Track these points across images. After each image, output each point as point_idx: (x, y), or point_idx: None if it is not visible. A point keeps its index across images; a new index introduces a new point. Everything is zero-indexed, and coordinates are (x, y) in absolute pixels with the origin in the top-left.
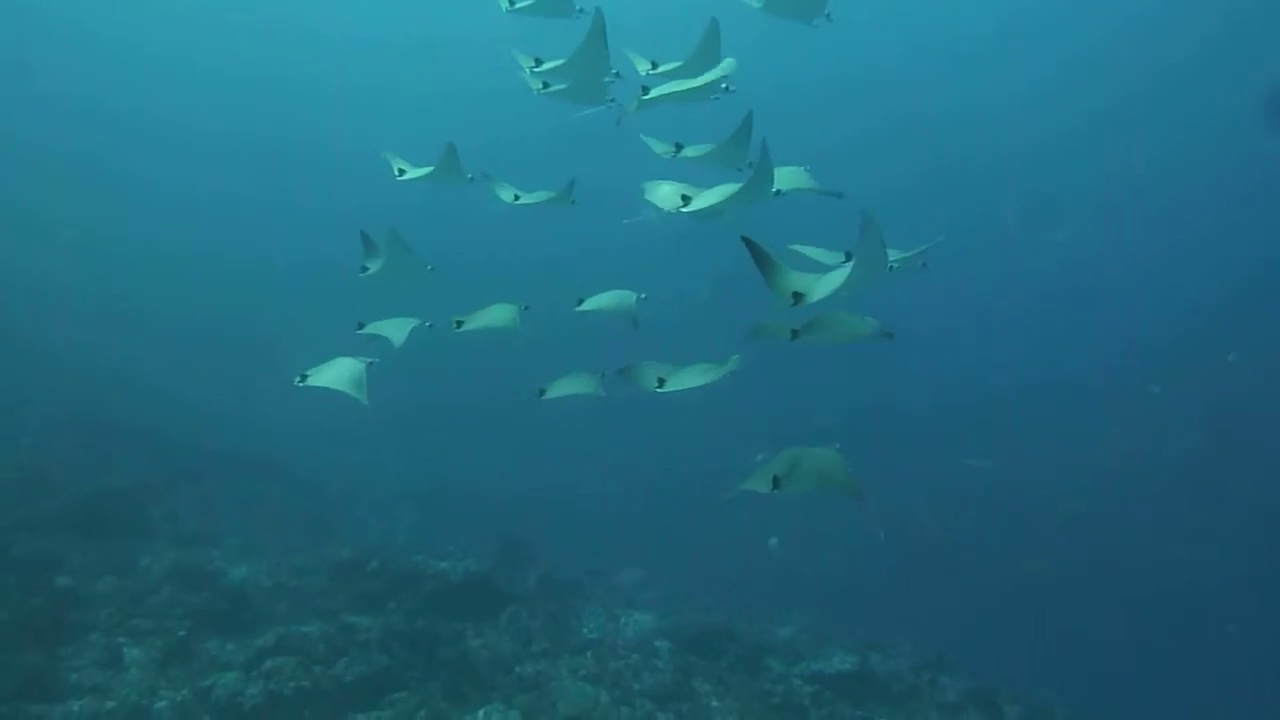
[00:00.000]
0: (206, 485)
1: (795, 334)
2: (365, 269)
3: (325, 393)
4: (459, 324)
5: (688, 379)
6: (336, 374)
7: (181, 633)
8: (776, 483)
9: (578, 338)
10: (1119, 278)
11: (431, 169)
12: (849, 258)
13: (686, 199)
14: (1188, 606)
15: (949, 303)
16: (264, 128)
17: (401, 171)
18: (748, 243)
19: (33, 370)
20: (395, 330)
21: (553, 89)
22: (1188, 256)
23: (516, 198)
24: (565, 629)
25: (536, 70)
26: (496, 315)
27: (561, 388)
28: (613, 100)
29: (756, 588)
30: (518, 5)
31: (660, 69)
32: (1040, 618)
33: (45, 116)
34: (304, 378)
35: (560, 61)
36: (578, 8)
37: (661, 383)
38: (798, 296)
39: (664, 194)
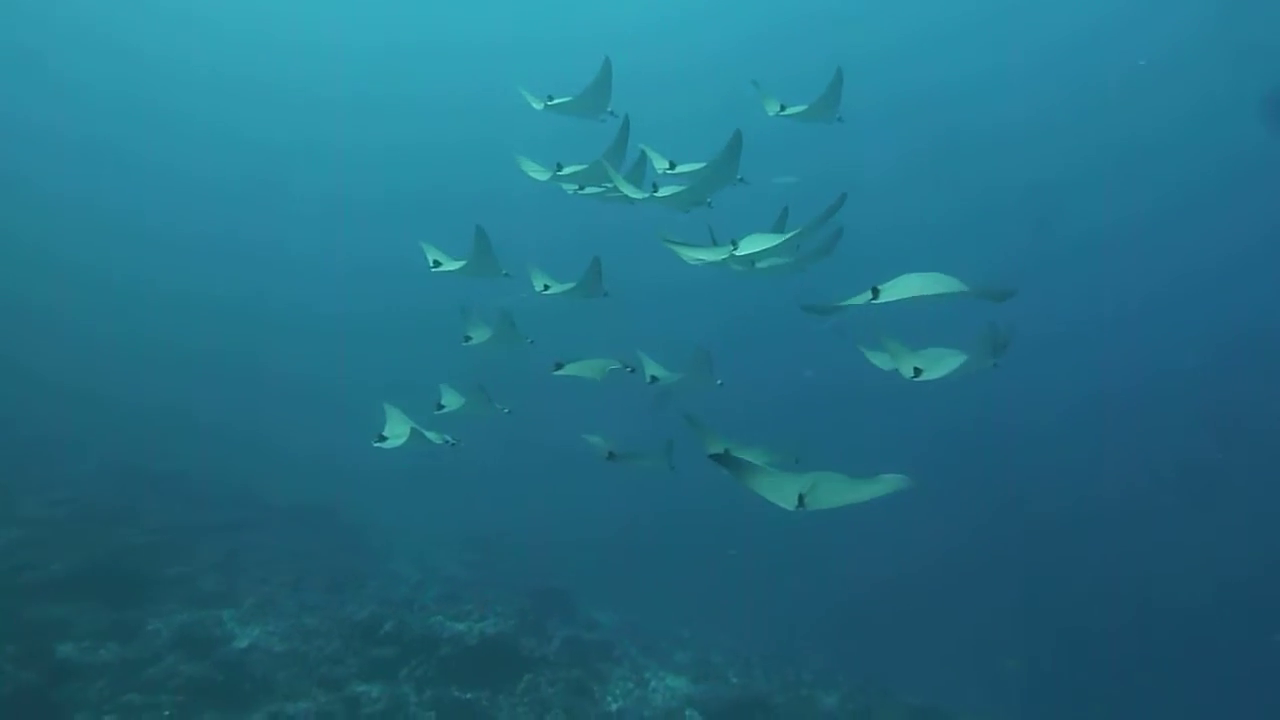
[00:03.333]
0: (238, 538)
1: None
2: (468, 339)
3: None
4: (559, 366)
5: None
6: (408, 435)
7: (167, 713)
8: (801, 500)
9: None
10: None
11: (465, 261)
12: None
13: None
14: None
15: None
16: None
17: (437, 264)
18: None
19: (84, 416)
20: (475, 405)
21: (588, 191)
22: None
23: (546, 287)
24: (587, 698)
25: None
26: (594, 367)
27: (631, 458)
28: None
29: (806, 637)
30: (554, 102)
31: (677, 169)
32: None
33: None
34: (382, 439)
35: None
36: (609, 109)
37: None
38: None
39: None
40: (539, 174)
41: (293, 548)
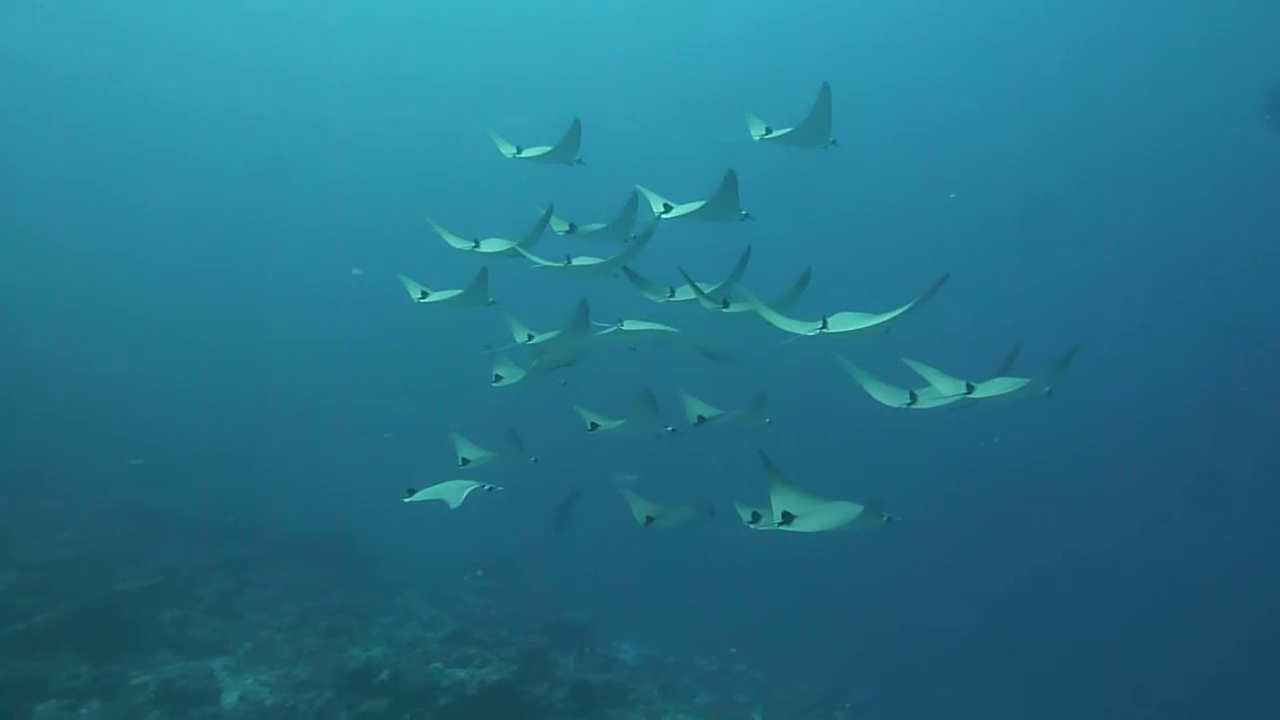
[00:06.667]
0: (243, 576)
1: None
2: (498, 379)
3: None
4: (594, 426)
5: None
6: (441, 490)
7: None
8: (786, 518)
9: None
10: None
11: (459, 292)
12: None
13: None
14: None
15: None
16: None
17: (424, 294)
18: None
19: (90, 453)
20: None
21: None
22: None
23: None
24: None
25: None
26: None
27: (668, 517)
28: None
29: (839, 667)
30: (524, 154)
31: (674, 212)
32: None
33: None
34: (411, 492)
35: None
36: (577, 157)
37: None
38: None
39: None
40: (459, 244)
41: (300, 584)
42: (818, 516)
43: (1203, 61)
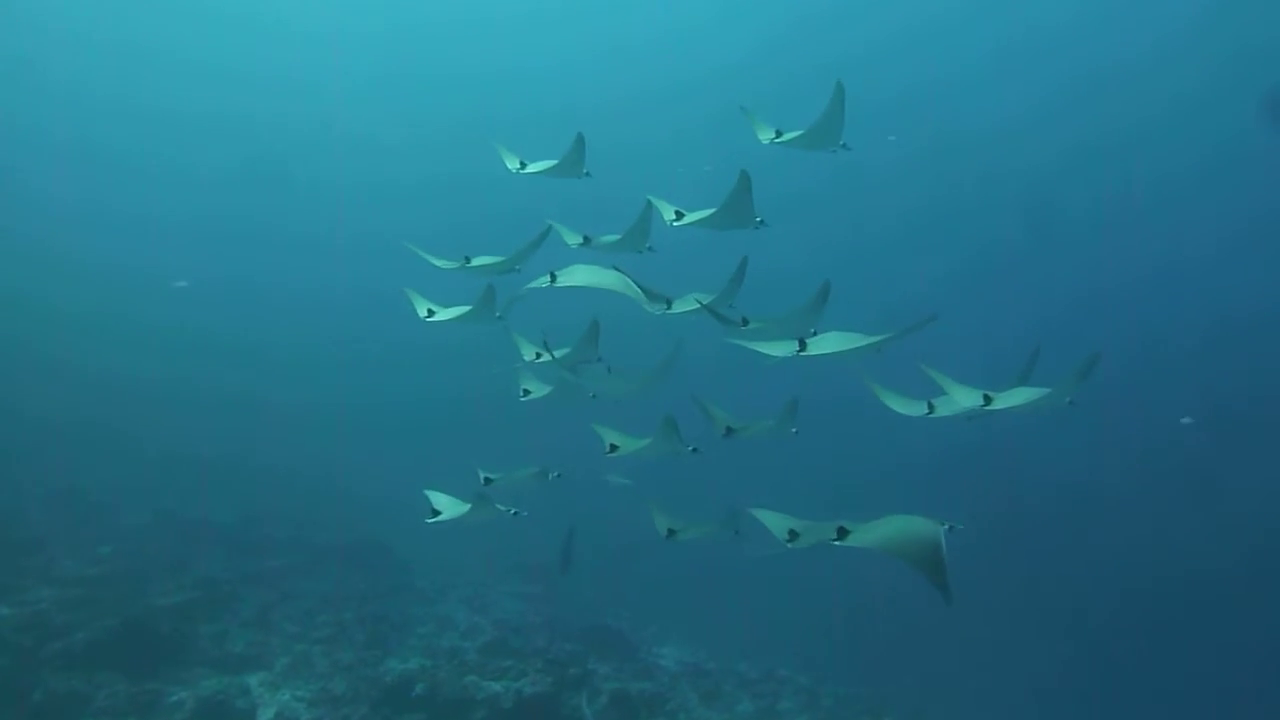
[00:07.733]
0: (283, 586)
1: None
2: (527, 392)
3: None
4: (613, 447)
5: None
6: (464, 511)
7: None
8: (841, 533)
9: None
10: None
11: (466, 309)
12: None
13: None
14: None
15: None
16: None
17: (430, 313)
18: None
19: (130, 466)
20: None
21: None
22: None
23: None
24: None
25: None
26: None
27: (690, 532)
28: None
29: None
30: (529, 169)
31: (685, 219)
32: None
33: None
34: (436, 513)
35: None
36: (585, 170)
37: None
38: None
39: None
40: (446, 264)
41: (339, 593)
42: (872, 531)
43: (1193, 41)
